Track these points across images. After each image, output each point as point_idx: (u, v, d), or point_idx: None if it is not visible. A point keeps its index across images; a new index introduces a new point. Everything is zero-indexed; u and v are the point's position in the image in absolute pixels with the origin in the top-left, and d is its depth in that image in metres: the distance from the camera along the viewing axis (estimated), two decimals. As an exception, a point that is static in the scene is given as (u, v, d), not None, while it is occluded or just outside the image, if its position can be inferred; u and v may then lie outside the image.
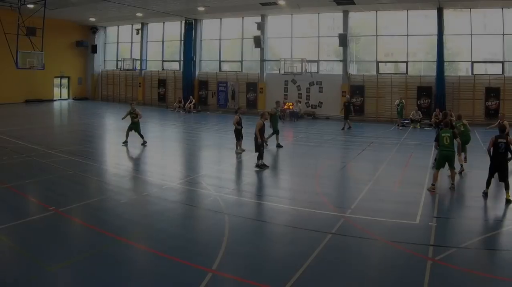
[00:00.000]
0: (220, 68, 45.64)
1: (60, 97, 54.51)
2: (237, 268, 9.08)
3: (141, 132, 23.14)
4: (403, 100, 32.68)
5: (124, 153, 22.25)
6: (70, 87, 55.36)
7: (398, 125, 32.31)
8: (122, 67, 51.28)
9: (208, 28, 46.35)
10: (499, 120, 19.16)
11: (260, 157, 18.13)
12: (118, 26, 53.78)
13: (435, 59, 33.70)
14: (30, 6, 35.35)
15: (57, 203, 12.85)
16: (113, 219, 12.02)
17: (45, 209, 12.43)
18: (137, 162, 20.63)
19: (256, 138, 18.23)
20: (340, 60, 37.88)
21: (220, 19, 44.53)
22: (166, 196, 14.34)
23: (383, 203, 13.69)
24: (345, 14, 36.63)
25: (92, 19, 49.85)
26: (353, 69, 38.21)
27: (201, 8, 39.24)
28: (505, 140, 13.59)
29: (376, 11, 35.84)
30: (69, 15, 47.27)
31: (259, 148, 18.18)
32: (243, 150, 20.97)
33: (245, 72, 43.38)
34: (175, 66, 48.93)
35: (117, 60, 53.90)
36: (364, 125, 33.93)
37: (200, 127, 33.39)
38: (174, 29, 48.48)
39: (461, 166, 17.05)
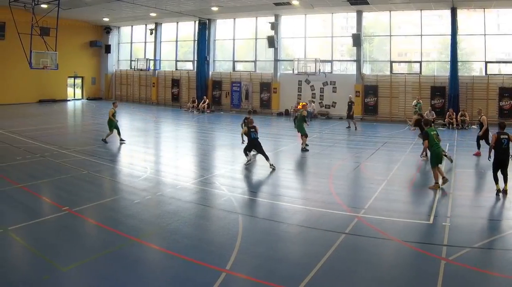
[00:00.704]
0: (233, 68, 46.53)
1: (74, 97, 55.56)
2: (251, 268, 9.17)
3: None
4: (421, 101, 33.02)
5: (138, 153, 22.72)
6: (83, 87, 56.33)
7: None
8: (135, 67, 52.38)
9: (222, 28, 47.25)
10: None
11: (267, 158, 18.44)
12: (132, 26, 54.84)
13: (449, 59, 34.32)
14: (44, 6, 35.86)
15: (71, 203, 13.04)
16: (127, 219, 12.13)
17: (59, 209, 12.58)
18: (151, 162, 20.74)
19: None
20: (354, 60, 38.66)
21: (234, 19, 45.44)
22: (179, 196, 14.52)
23: (396, 203, 13.89)
24: (359, 14, 37.37)
25: (106, 19, 50.76)
26: (366, 69, 38.94)
27: (214, 8, 40.01)
28: (507, 136, 14.48)
29: (390, 11, 36.50)
30: (82, 15, 48.14)
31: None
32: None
33: (258, 72, 44.26)
34: (189, 66, 49.97)
35: (131, 60, 54.92)
36: (378, 125, 34.59)
37: (214, 127, 33.91)
38: (188, 29, 49.49)
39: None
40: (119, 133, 24.26)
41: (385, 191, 15.12)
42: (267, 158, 18.39)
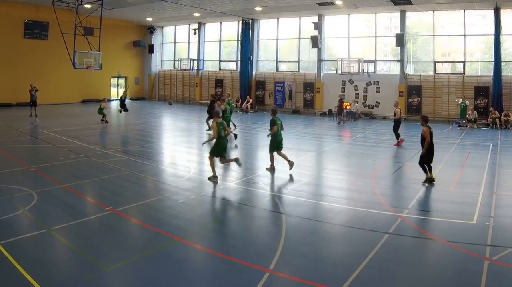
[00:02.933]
0: (277, 68, 49.09)
1: (117, 97, 56.71)
2: (294, 268, 9.52)
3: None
4: (467, 101, 34.81)
5: (181, 153, 23.73)
6: (127, 87, 57.54)
7: (460, 126, 34.67)
8: (179, 67, 55.35)
9: (265, 28, 49.93)
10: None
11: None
12: (175, 26, 58.02)
13: (492, 59, 35.97)
14: (87, 6, 37.70)
15: (114, 203, 13.62)
16: (170, 218, 12.59)
17: (102, 209, 13.13)
18: (194, 162, 21.17)
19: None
20: (397, 60, 40.66)
21: (277, 19, 48.03)
22: (223, 196, 15.26)
23: (440, 203, 14.40)
24: (402, 14, 39.31)
25: (149, 19, 53.72)
26: (410, 69, 40.93)
27: (258, 8, 42.36)
28: None
29: (433, 11, 38.26)
30: (126, 15, 51.15)
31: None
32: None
33: (302, 72, 46.79)
34: (232, 66, 52.70)
35: (174, 60, 58.01)
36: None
37: (257, 127, 34.70)
38: (231, 29, 52.15)
39: None
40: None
41: (428, 191, 15.72)
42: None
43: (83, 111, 42.39)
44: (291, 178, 17.79)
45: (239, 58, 50.44)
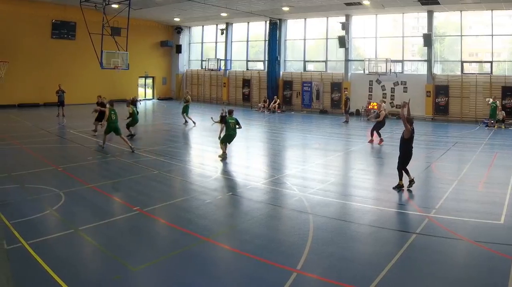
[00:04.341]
0: (304, 68, 49.56)
1: (145, 97, 59.18)
2: (321, 268, 9.59)
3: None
4: (497, 101, 34.91)
5: (208, 153, 23.64)
6: (154, 87, 60.03)
7: (488, 126, 34.66)
8: (206, 67, 55.89)
9: (292, 28, 50.38)
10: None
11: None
12: (203, 26, 58.86)
13: (520, 59, 35.98)
14: (115, 6, 38.37)
15: (141, 203, 13.84)
16: (198, 218, 12.74)
17: (130, 209, 13.33)
18: (221, 162, 21.06)
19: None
20: (425, 60, 40.74)
21: (305, 19, 48.47)
22: (250, 196, 15.26)
23: (467, 203, 14.37)
24: (430, 14, 39.37)
25: (177, 19, 54.52)
26: (437, 69, 41.04)
27: (285, 8, 42.68)
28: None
29: (461, 11, 38.28)
30: (153, 15, 51.80)
31: None
32: None
33: (329, 72, 47.12)
34: (260, 66, 53.30)
35: (202, 60, 58.85)
36: (449, 125, 36.53)
37: (285, 127, 35.31)
38: (259, 29, 52.88)
39: None
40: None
41: (455, 190, 15.82)
42: None
43: (111, 112, 43.28)
44: (318, 178, 18.05)
45: (266, 58, 50.93)
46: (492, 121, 34.62)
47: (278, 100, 47.95)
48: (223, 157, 21.16)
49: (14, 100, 44.10)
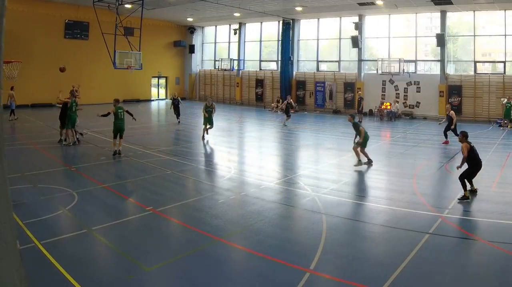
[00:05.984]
0: (317, 68, 50.06)
1: (158, 97, 59.84)
2: (334, 268, 9.70)
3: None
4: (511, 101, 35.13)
5: (222, 153, 24.31)
6: (167, 87, 60.54)
7: (501, 126, 34.73)
8: (219, 67, 56.52)
9: (306, 28, 50.90)
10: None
11: None
12: (216, 26, 59.49)
13: (533, 59, 36.19)
14: (128, 6, 38.69)
15: (155, 203, 13.98)
16: (211, 218, 12.84)
17: (143, 209, 13.47)
18: (234, 162, 21.68)
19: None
20: (438, 60, 40.98)
21: (318, 19, 48.98)
22: (263, 196, 15.33)
23: (480, 203, 14.44)
24: (443, 14, 39.59)
25: (190, 19, 55.26)
26: (450, 69, 41.24)
27: (298, 8, 43.18)
28: None
29: (474, 11, 38.43)
30: (166, 15, 52.40)
31: None
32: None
33: (342, 72, 47.57)
34: (273, 66, 53.85)
35: (215, 60, 59.40)
36: (462, 125, 35.63)
37: (298, 127, 35.41)
38: (272, 29, 53.44)
39: None
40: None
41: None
42: None
43: (124, 112, 43.55)
44: (331, 178, 18.33)
45: (279, 58, 51.42)
46: (506, 121, 34.67)
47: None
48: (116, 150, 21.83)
49: (27, 100, 44.31)
